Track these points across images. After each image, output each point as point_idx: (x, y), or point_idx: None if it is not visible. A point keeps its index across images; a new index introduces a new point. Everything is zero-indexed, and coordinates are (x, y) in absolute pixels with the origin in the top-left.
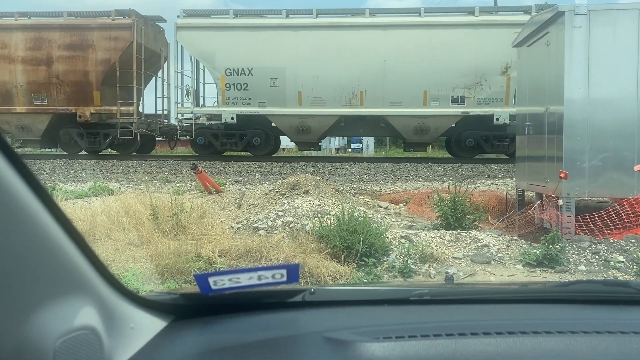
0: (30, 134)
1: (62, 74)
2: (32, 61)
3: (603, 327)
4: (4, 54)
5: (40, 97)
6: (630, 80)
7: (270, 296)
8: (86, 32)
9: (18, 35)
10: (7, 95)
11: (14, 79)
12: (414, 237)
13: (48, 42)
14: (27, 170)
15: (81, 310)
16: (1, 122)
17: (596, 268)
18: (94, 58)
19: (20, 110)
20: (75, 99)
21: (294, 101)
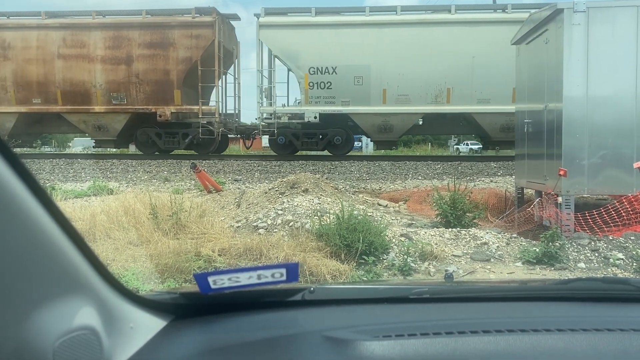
0: (107, 133)
1: (142, 73)
2: (111, 60)
3: (602, 324)
4: (83, 54)
5: (119, 97)
6: (629, 78)
7: (269, 295)
8: (166, 30)
9: (97, 34)
10: (85, 95)
11: (92, 79)
12: (414, 235)
13: (128, 40)
14: (25, 170)
15: (80, 310)
16: (78, 121)
17: (595, 265)
18: (175, 57)
19: (98, 110)
20: (155, 98)
21: (378, 99)
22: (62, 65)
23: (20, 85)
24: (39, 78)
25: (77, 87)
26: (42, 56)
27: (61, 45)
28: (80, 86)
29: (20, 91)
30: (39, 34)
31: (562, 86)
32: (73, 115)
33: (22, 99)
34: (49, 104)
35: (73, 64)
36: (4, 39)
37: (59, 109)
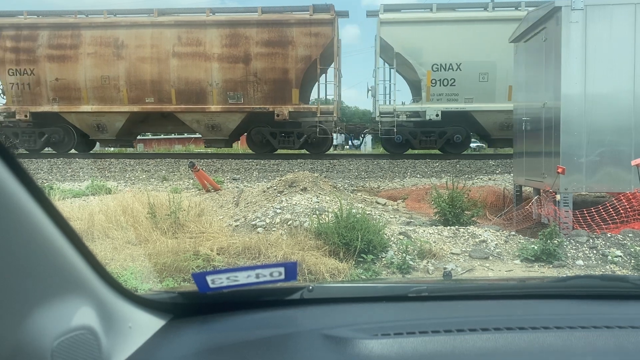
0: (219, 133)
1: (260, 72)
2: (228, 59)
3: (601, 322)
4: (199, 52)
5: (236, 96)
6: (626, 75)
7: (268, 294)
8: (285, 28)
9: (213, 32)
10: (201, 94)
11: (209, 77)
12: (412, 233)
13: (245, 38)
14: (23, 170)
15: (79, 310)
16: (191, 120)
17: (594, 263)
18: (294, 55)
19: (214, 109)
20: (272, 97)
21: (503, 96)
22: (177, 63)
23: (134, 84)
24: (152, 77)
25: (193, 86)
26: (157, 55)
27: (176, 43)
28: (196, 85)
29: (133, 90)
30: (153, 32)
31: (560, 84)
32: (187, 114)
33: (135, 98)
34: (162, 103)
35: (189, 62)
36: (117, 38)
37: (173, 108)
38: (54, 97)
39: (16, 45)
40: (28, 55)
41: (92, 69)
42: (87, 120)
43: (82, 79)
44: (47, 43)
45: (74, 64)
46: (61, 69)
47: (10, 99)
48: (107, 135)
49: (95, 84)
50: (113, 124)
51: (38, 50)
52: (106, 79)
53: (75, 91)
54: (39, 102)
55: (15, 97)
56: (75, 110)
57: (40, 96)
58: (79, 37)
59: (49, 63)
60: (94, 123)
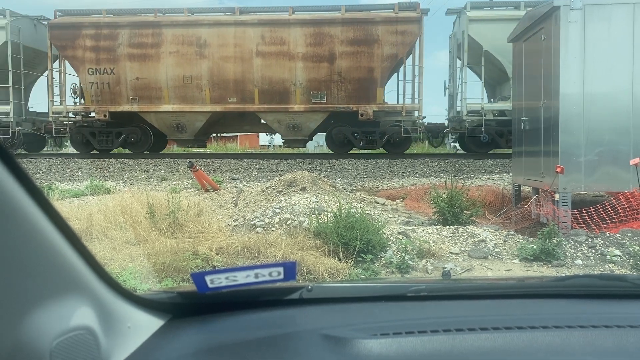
0: (299, 133)
1: (344, 71)
2: (312, 58)
3: (600, 321)
4: (283, 51)
5: (319, 95)
6: (625, 75)
7: (267, 294)
8: (370, 27)
9: (297, 30)
10: (284, 94)
11: (293, 77)
12: (411, 233)
13: (329, 37)
14: (21, 169)
15: (77, 310)
16: (273, 120)
17: (593, 262)
18: (379, 53)
19: (297, 109)
20: (356, 96)
21: None
22: (261, 63)
23: (216, 84)
24: (236, 76)
25: (276, 85)
26: (240, 54)
27: (260, 42)
28: (279, 85)
29: (216, 90)
30: (236, 31)
31: (558, 83)
32: (269, 114)
33: (217, 98)
34: (245, 103)
35: (272, 61)
36: (200, 36)
37: (255, 107)
38: (134, 97)
39: (96, 44)
40: (108, 54)
41: (173, 68)
42: (166, 120)
43: (163, 78)
44: (127, 42)
45: (155, 63)
46: (142, 68)
47: (90, 98)
48: (186, 135)
49: (177, 83)
50: (193, 123)
51: (118, 49)
52: (188, 78)
53: (156, 90)
54: (118, 102)
55: (94, 97)
56: (156, 110)
57: (119, 95)
58: (160, 36)
59: (130, 62)
60: (173, 123)
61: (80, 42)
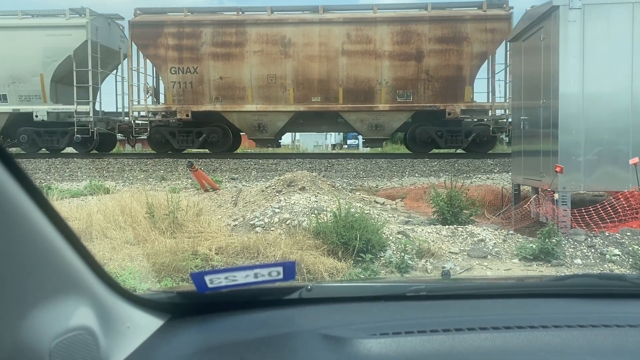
0: (381, 132)
1: (432, 69)
2: (399, 56)
3: (599, 320)
4: (369, 49)
5: (405, 94)
6: (624, 74)
7: (266, 294)
8: (459, 24)
9: (383, 29)
10: (369, 93)
11: (379, 76)
12: (411, 232)
13: (417, 35)
14: (20, 169)
15: (77, 311)
16: (355, 120)
17: (592, 261)
18: (468, 51)
19: (382, 108)
20: (443, 95)
21: None
22: (346, 62)
23: (300, 83)
24: (320, 75)
25: (361, 84)
26: (325, 53)
27: (345, 41)
28: (365, 84)
29: (300, 89)
30: (321, 30)
31: (558, 83)
32: (352, 114)
33: (301, 98)
34: (329, 103)
35: (358, 60)
36: (284, 35)
37: (339, 107)
38: (217, 96)
39: (179, 43)
40: (191, 53)
41: (258, 68)
42: (248, 119)
43: (247, 78)
44: (210, 41)
45: (239, 62)
46: (226, 67)
47: (171, 97)
48: (266, 135)
49: (261, 82)
50: (275, 123)
51: (202, 48)
52: (272, 77)
53: (240, 90)
54: (201, 102)
55: (176, 96)
56: (239, 110)
57: (202, 95)
58: (244, 35)
59: (213, 61)
60: (255, 123)
61: (162, 41)
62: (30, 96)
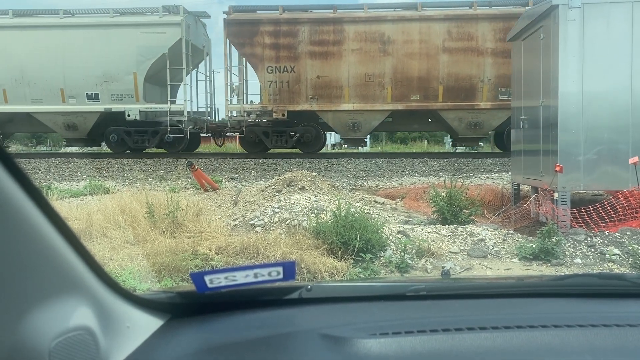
0: (480, 131)
1: None
2: (502, 53)
3: (599, 320)
4: (471, 47)
5: (507, 92)
6: (624, 73)
7: (266, 294)
8: None
9: (485, 25)
10: (470, 91)
11: (481, 73)
12: (411, 232)
13: None
14: (19, 169)
15: (76, 311)
16: (453, 118)
17: (592, 261)
18: None
19: (483, 106)
20: None
21: None
22: (447, 59)
23: (399, 82)
24: (420, 73)
25: (462, 82)
26: (425, 50)
27: (446, 38)
28: (466, 81)
29: (398, 87)
30: (421, 27)
31: (557, 82)
32: (451, 112)
33: (399, 96)
34: (427, 101)
35: (459, 58)
36: (383, 33)
37: (439, 105)
38: (313, 96)
39: (276, 42)
40: (288, 51)
41: (356, 66)
42: (343, 119)
43: (344, 76)
44: (308, 39)
45: (337, 61)
46: (323, 66)
47: (267, 97)
48: (359, 134)
49: (359, 81)
50: (369, 122)
51: (299, 47)
52: (370, 76)
53: (337, 89)
54: (297, 101)
55: (272, 96)
56: (335, 109)
57: (298, 94)
58: (342, 33)
59: (311, 60)
60: (349, 122)
61: (259, 40)
62: (123, 95)
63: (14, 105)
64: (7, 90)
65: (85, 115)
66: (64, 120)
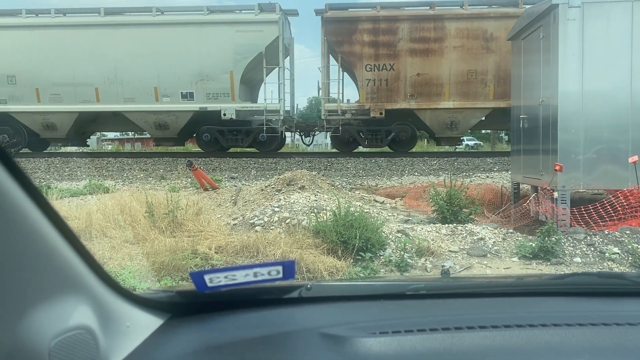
0: None
1: None
2: None
3: (598, 319)
4: None
5: None
6: (624, 72)
7: (266, 293)
8: None
9: None
10: None
11: None
12: (410, 231)
13: None
14: (18, 168)
15: (76, 310)
16: None
17: (591, 260)
18: None
19: None
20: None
21: None
22: None
23: (502, 79)
24: None
25: None
26: None
27: None
28: None
29: (501, 85)
30: None
31: (557, 81)
32: None
33: (501, 94)
34: None
35: None
36: (485, 30)
37: None
38: (412, 94)
39: (374, 39)
40: (388, 49)
41: (457, 63)
42: (441, 117)
43: (445, 74)
44: (408, 36)
45: (437, 58)
46: (423, 64)
47: (365, 95)
48: (456, 133)
49: (460, 78)
50: (468, 120)
51: (399, 45)
52: (472, 73)
53: (437, 87)
54: (395, 99)
55: (369, 94)
56: (434, 107)
57: (397, 93)
58: (443, 30)
59: (411, 57)
60: (447, 120)
61: (357, 37)
62: (218, 94)
63: (105, 104)
64: (100, 89)
65: (178, 114)
66: (155, 119)
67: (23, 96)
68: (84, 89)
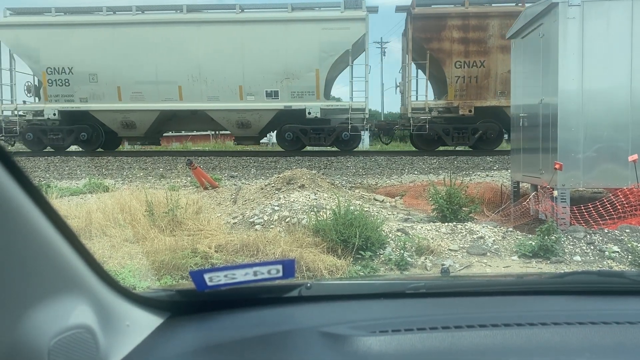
0: None
1: None
2: None
3: (598, 317)
4: None
5: None
6: (623, 71)
7: (266, 292)
8: None
9: None
10: None
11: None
12: (410, 230)
13: None
14: (18, 168)
15: (76, 309)
16: None
17: (591, 258)
18: None
19: None
20: None
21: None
22: None
23: None
24: None
25: None
26: None
27: None
28: None
29: None
30: None
31: (557, 80)
32: None
33: None
34: None
35: None
36: None
37: None
38: (502, 91)
39: (464, 36)
40: (478, 46)
41: None
42: None
43: None
44: (499, 33)
45: None
46: None
47: (453, 93)
48: None
49: None
50: None
51: (489, 41)
52: None
53: None
54: (484, 96)
55: (458, 91)
56: None
57: (486, 90)
58: None
59: (502, 54)
60: None
61: (446, 34)
62: (303, 92)
63: (188, 102)
64: (183, 87)
65: (262, 113)
66: (238, 118)
67: (104, 94)
68: (166, 87)
